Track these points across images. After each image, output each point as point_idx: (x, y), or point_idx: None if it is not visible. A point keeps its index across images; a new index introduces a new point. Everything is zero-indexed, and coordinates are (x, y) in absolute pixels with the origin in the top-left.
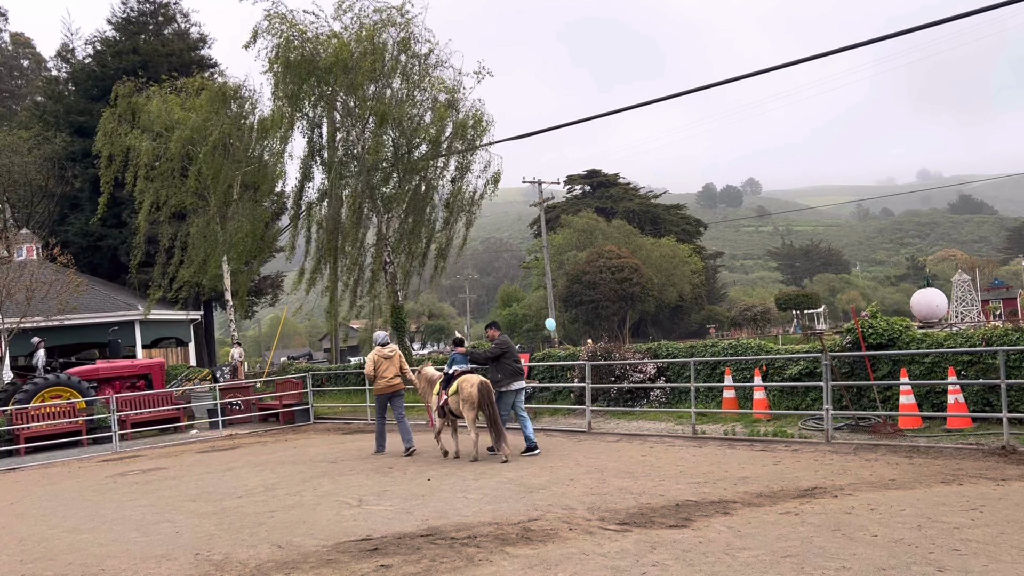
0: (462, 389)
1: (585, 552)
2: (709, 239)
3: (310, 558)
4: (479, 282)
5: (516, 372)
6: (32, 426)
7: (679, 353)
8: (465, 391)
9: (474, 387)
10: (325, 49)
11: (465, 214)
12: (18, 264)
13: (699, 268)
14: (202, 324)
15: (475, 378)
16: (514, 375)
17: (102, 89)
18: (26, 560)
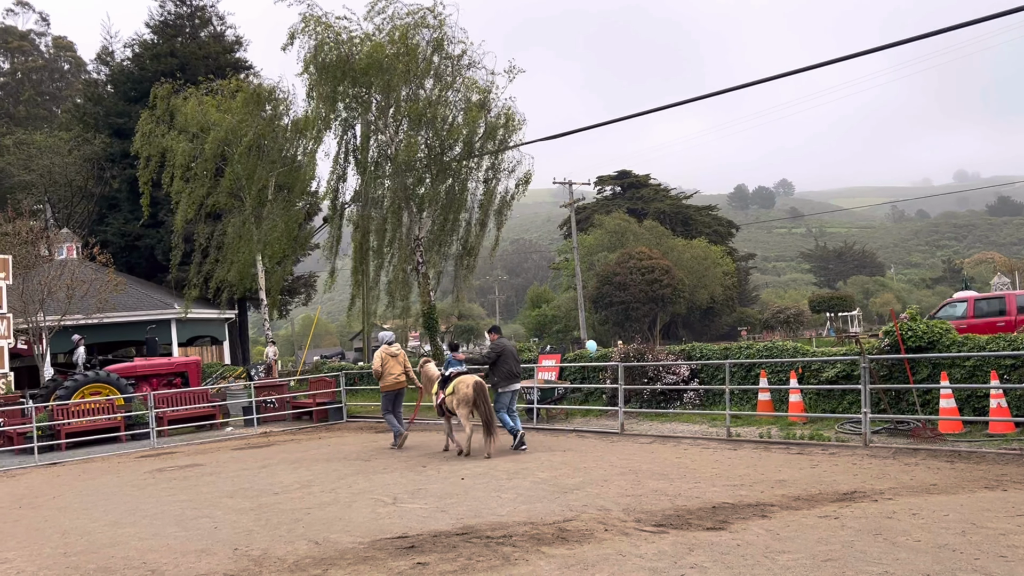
0: (458, 389)
1: (622, 553)
2: (741, 240)
3: (347, 555)
4: (508, 283)
5: (511, 375)
6: (72, 422)
7: (713, 355)
8: (460, 391)
9: (469, 387)
10: (360, 51)
11: (497, 216)
12: (59, 263)
13: (731, 270)
14: (236, 323)
15: (470, 378)
16: (509, 378)
17: (140, 91)
18: (69, 553)
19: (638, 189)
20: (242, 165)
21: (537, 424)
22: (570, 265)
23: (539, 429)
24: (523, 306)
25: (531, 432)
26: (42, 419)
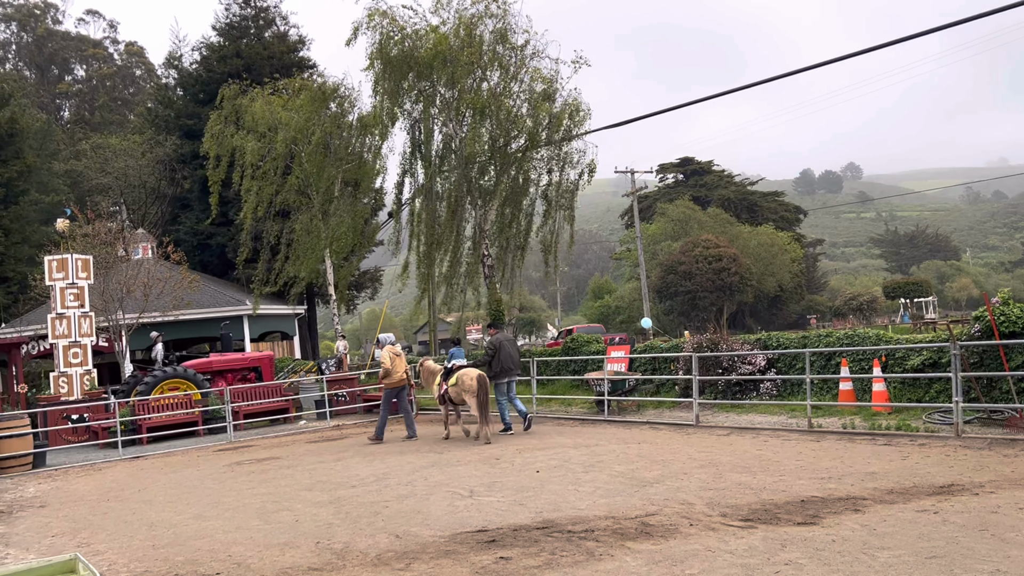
0: (462, 381)
1: (710, 549)
2: (808, 226)
3: (428, 548)
4: (568, 274)
5: (506, 369)
6: (153, 416)
7: (790, 344)
8: (465, 383)
9: (473, 379)
10: (424, 44)
11: (565, 210)
12: (136, 263)
13: (799, 256)
14: (306, 318)
15: (474, 371)
16: (504, 371)
17: (208, 93)
18: (158, 545)
19: (701, 176)
20: (310, 163)
21: (608, 416)
22: (632, 255)
23: (610, 421)
24: (584, 297)
25: (602, 424)
26: (124, 414)
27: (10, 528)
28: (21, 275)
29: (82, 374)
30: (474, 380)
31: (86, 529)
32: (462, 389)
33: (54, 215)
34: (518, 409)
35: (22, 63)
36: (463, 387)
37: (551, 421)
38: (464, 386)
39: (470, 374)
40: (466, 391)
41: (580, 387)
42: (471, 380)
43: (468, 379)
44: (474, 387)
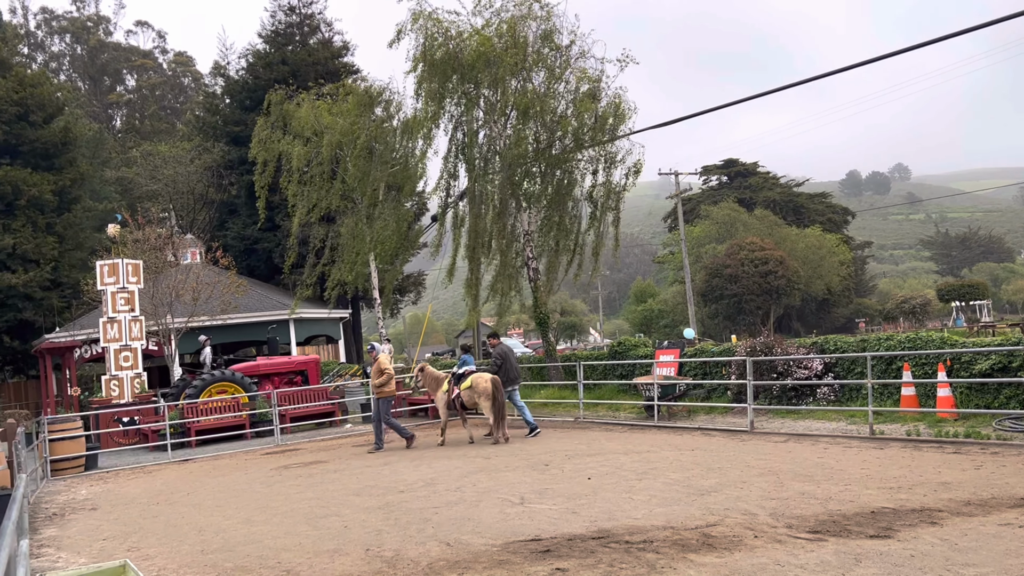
0: (477, 384)
1: (779, 562)
2: (856, 228)
3: (481, 558)
4: (610, 278)
5: (512, 379)
6: (201, 420)
7: (849, 347)
8: (480, 386)
9: (488, 383)
10: (468, 45)
11: (612, 211)
12: (184, 267)
13: (847, 259)
14: (350, 322)
15: (487, 375)
16: (511, 381)
17: (255, 100)
18: (207, 550)
19: (746, 178)
20: (355, 167)
21: (658, 422)
22: (676, 258)
23: (661, 427)
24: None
25: (652, 430)
26: (173, 417)
27: (62, 531)
28: (74, 280)
29: (132, 377)
30: (489, 383)
31: (136, 533)
32: (477, 393)
33: (106, 221)
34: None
35: (76, 74)
36: (479, 391)
37: (599, 426)
38: (480, 390)
39: (484, 378)
40: (481, 395)
41: (628, 392)
42: (486, 384)
43: (483, 383)
44: (490, 390)
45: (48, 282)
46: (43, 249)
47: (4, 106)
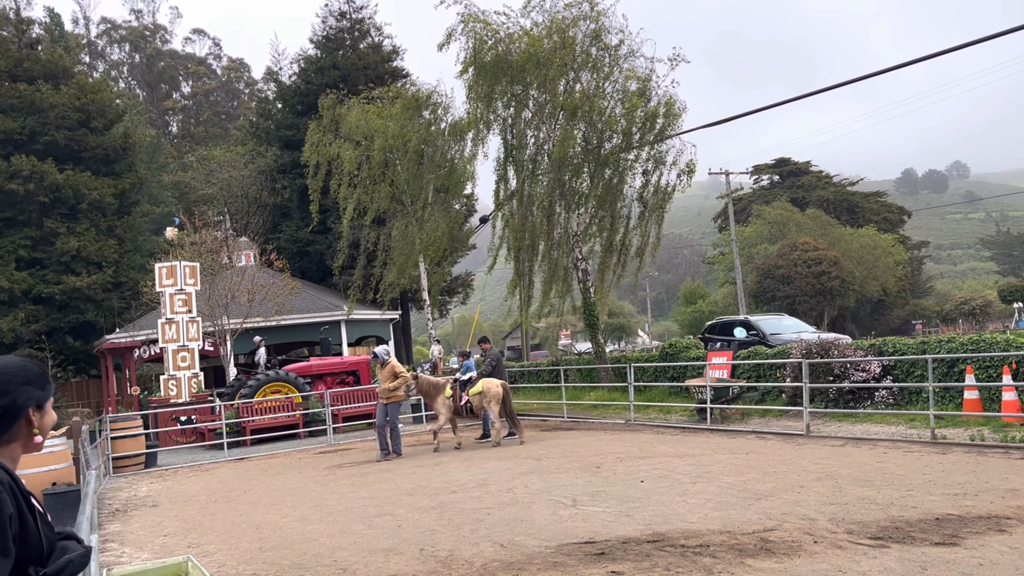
0: (488, 389)
1: (841, 569)
2: (912, 228)
3: (535, 559)
4: (658, 279)
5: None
6: (256, 419)
7: (908, 349)
8: (492, 391)
9: (499, 387)
10: (517, 47)
11: (658, 211)
12: (239, 269)
13: (903, 259)
14: (400, 323)
15: (496, 380)
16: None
17: (306, 104)
18: (264, 548)
19: (798, 177)
20: (405, 170)
21: (711, 425)
22: (726, 259)
23: (713, 430)
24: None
25: (705, 433)
26: (229, 416)
27: (125, 527)
28: (134, 282)
29: (190, 377)
30: (500, 388)
31: (196, 530)
32: (490, 398)
33: (164, 224)
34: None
35: (134, 81)
36: (490, 396)
37: (650, 429)
38: (492, 395)
39: (494, 383)
40: (494, 399)
41: (679, 394)
42: (498, 388)
43: (495, 388)
44: (500, 394)
45: (109, 284)
46: (105, 252)
47: (67, 113)
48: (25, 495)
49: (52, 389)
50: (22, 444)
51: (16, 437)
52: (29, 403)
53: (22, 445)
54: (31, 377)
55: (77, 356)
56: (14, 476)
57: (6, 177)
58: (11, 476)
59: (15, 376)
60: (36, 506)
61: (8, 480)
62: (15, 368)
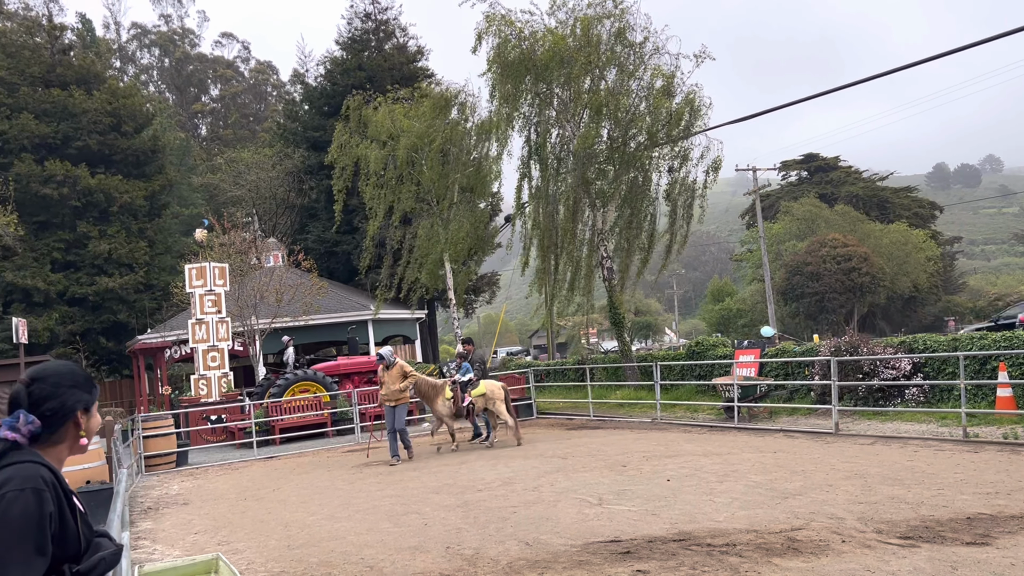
0: (492, 390)
1: (870, 569)
2: (944, 223)
3: (560, 558)
4: (685, 277)
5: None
6: (285, 418)
7: (939, 346)
8: (496, 392)
9: (501, 388)
10: (541, 46)
11: (687, 208)
12: (268, 270)
13: (935, 255)
14: (426, 322)
15: (497, 382)
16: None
17: (333, 106)
18: (293, 545)
19: (826, 173)
20: (431, 169)
21: (738, 423)
22: (754, 256)
23: (741, 428)
24: (702, 300)
25: (732, 432)
26: (259, 415)
27: (157, 524)
28: (164, 283)
29: (219, 377)
30: (502, 390)
31: (226, 527)
32: (493, 399)
33: (193, 226)
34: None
35: (163, 85)
36: (494, 396)
37: (677, 428)
38: (495, 395)
39: (496, 384)
40: (498, 399)
41: (706, 392)
42: (500, 390)
43: (497, 389)
44: (502, 395)
45: (140, 285)
46: (136, 253)
47: (98, 117)
48: (67, 494)
49: (98, 392)
50: (69, 446)
51: (64, 439)
52: (77, 406)
53: (69, 447)
54: (79, 380)
55: (110, 356)
56: (59, 476)
57: (40, 182)
58: (56, 476)
59: (63, 379)
60: (77, 505)
61: (52, 480)
62: (63, 372)
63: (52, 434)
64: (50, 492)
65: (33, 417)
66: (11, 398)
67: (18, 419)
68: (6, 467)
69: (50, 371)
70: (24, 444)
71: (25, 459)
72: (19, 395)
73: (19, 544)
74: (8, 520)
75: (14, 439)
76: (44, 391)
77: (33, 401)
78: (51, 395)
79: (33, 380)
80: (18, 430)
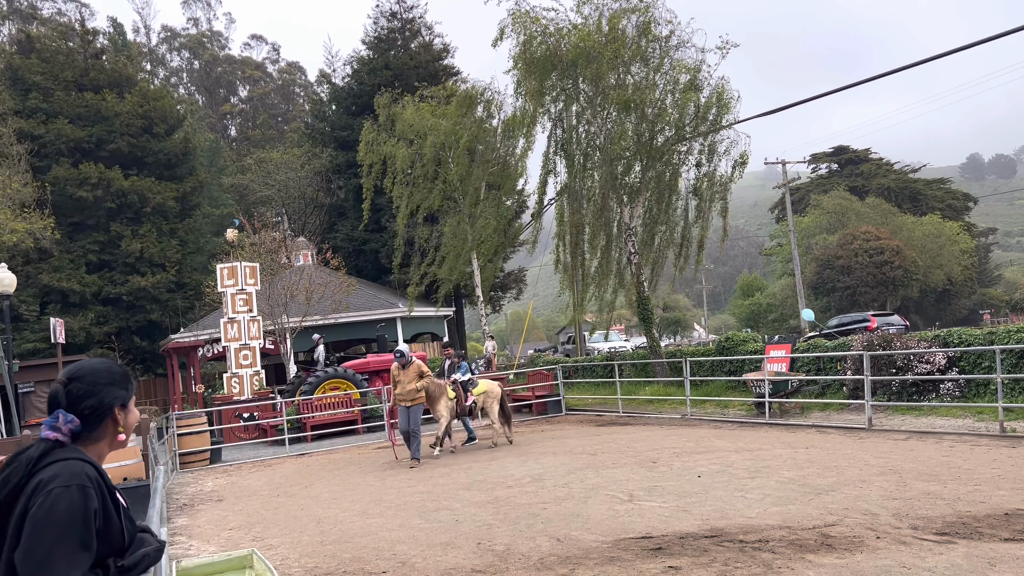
0: (492, 390)
1: (905, 565)
2: (978, 215)
3: (591, 554)
4: (714, 272)
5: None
6: (316, 415)
7: (975, 340)
8: (495, 391)
9: (498, 388)
10: (567, 42)
11: (720, 202)
12: (297, 269)
13: (969, 247)
14: (454, 319)
15: (495, 382)
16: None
17: (360, 105)
18: (326, 541)
19: (857, 165)
20: (457, 167)
21: (770, 419)
22: (784, 250)
23: (772, 424)
24: (732, 295)
25: (763, 428)
26: (290, 413)
27: (192, 520)
28: (196, 282)
29: (251, 375)
30: (500, 388)
31: (260, 523)
32: (492, 398)
33: (224, 226)
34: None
35: (193, 87)
36: (493, 396)
37: (707, 424)
38: (494, 395)
39: (493, 383)
40: (495, 399)
41: (736, 388)
42: (498, 389)
43: (496, 388)
44: (500, 395)
45: (173, 284)
46: (168, 253)
47: (131, 120)
48: (111, 490)
49: (134, 388)
50: (108, 442)
51: (103, 435)
52: (115, 403)
53: (108, 443)
54: (116, 378)
55: (144, 355)
56: (102, 473)
57: (76, 184)
58: (100, 473)
59: (100, 377)
60: (120, 500)
61: (96, 477)
62: (100, 370)
63: (92, 432)
64: (94, 488)
65: (72, 416)
66: (50, 397)
67: (58, 419)
68: (51, 464)
69: (87, 369)
70: (67, 442)
71: (69, 456)
72: (57, 394)
73: (65, 539)
74: (54, 516)
75: (55, 438)
76: (82, 390)
77: (71, 400)
78: (89, 393)
79: (71, 379)
80: (59, 429)
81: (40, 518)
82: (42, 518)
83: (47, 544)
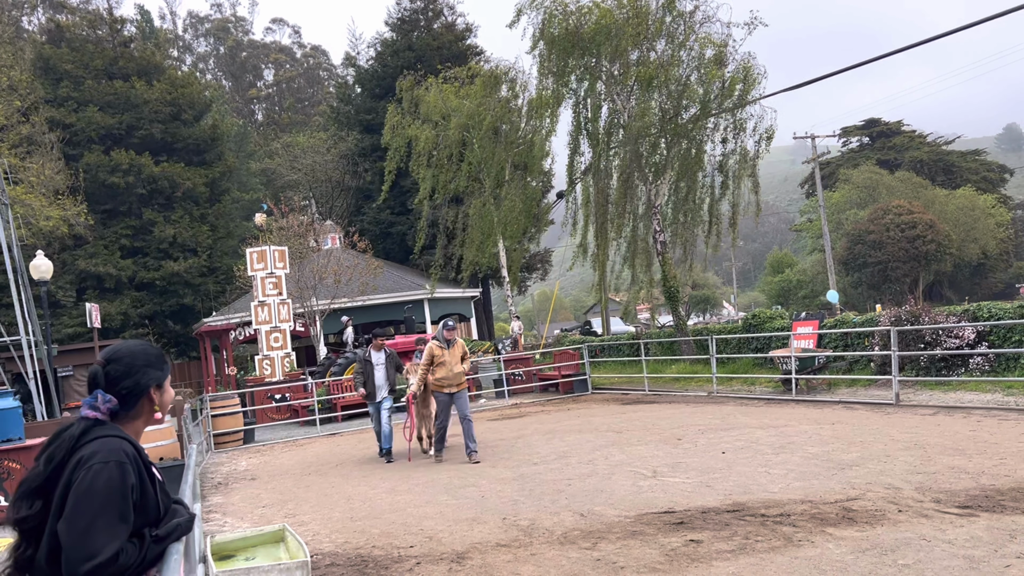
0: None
1: (925, 537)
2: (1015, 187)
3: (614, 528)
4: (743, 249)
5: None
6: (346, 396)
7: (1005, 315)
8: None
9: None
10: (588, 19)
11: (748, 178)
12: (325, 252)
13: (1005, 220)
14: (481, 300)
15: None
16: None
17: (384, 87)
18: (355, 517)
19: (889, 138)
20: (481, 148)
21: (796, 396)
22: (814, 226)
23: (798, 401)
24: (762, 272)
25: (789, 404)
26: (321, 394)
27: (227, 498)
28: (227, 266)
29: (282, 357)
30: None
31: (292, 501)
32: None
33: (253, 210)
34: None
35: (220, 72)
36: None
37: (733, 401)
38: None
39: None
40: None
41: (763, 365)
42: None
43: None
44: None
45: (204, 268)
46: (199, 238)
47: (159, 107)
48: (147, 466)
49: (169, 368)
50: (145, 420)
51: (140, 414)
52: (151, 383)
53: (145, 421)
54: (151, 359)
55: (177, 339)
56: (139, 448)
57: (108, 171)
58: (137, 449)
59: (136, 359)
60: (156, 475)
61: (134, 453)
62: (137, 351)
63: (129, 410)
64: (132, 464)
65: (110, 396)
66: (89, 378)
67: (96, 398)
68: (92, 441)
69: (124, 351)
70: (106, 420)
71: (109, 433)
72: (96, 375)
73: (105, 512)
74: (94, 490)
75: (95, 417)
76: (119, 371)
77: (110, 381)
78: (126, 374)
79: (109, 361)
80: (98, 408)
81: (81, 491)
82: (83, 491)
83: (88, 516)
